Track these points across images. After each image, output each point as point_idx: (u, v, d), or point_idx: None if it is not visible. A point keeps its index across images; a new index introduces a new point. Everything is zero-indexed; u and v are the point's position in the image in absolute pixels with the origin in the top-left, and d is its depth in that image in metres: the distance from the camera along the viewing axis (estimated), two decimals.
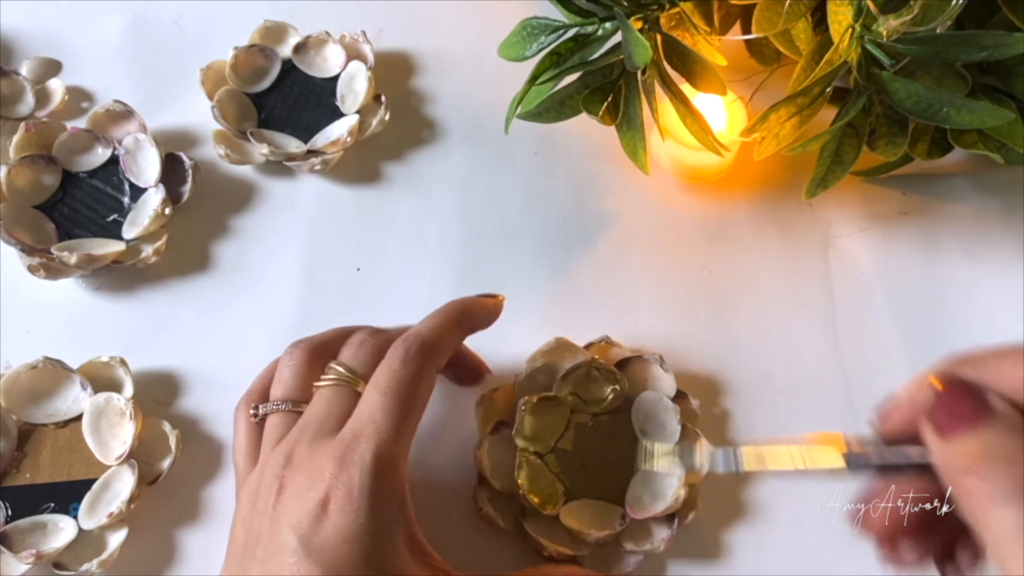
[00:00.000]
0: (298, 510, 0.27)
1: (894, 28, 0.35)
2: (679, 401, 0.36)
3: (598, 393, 0.36)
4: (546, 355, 0.37)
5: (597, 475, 0.35)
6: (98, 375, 0.38)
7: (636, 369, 0.37)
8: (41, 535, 0.34)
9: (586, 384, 0.36)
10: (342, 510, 0.27)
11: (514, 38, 0.40)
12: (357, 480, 0.27)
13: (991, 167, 0.44)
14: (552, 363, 0.37)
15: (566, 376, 0.36)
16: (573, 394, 0.36)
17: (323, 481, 0.27)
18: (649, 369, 0.37)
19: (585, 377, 0.36)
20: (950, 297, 0.41)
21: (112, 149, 0.44)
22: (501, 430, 0.35)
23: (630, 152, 0.40)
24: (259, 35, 0.47)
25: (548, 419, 0.35)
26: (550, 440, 0.35)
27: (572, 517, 0.34)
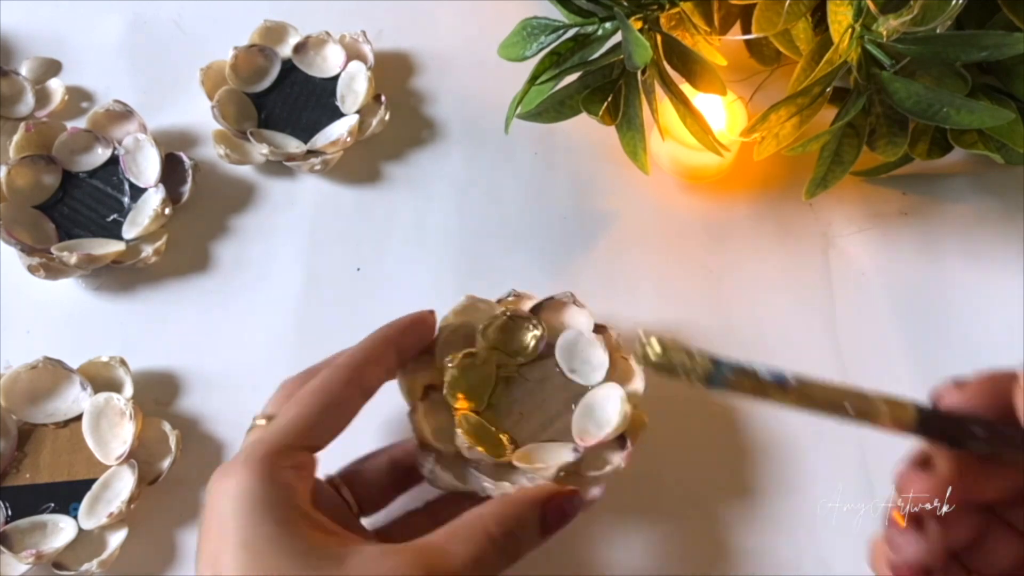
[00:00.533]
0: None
1: (894, 28, 0.35)
2: (600, 333, 0.36)
3: (520, 342, 0.36)
4: (459, 315, 0.36)
5: (536, 423, 0.35)
6: (98, 375, 0.38)
7: (551, 313, 0.37)
8: (41, 535, 0.34)
9: (506, 335, 0.36)
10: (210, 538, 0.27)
11: (514, 38, 0.40)
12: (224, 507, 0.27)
13: (991, 167, 0.44)
14: (467, 322, 0.36)
15: (484, 330, 0.35)
16: (495, 348, 0.36)
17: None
18: (564, 309, 0.37)
19: (503, 328, 0.36)
20: (950, 297, 0.41)
21: (112, 149, 0.44)
22: (431, 395, 0.34)
23: (630, 152, 0.40)
24: (259, 35, 0.47)
25: (477, 375, 0.35)
26: (483, 396, 0.35)
27: (526, 457, 0.33)
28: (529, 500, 0.29)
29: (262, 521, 0.26)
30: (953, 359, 0.40)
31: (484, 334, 0.35)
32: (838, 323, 0.41)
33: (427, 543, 0.27)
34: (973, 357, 0.40)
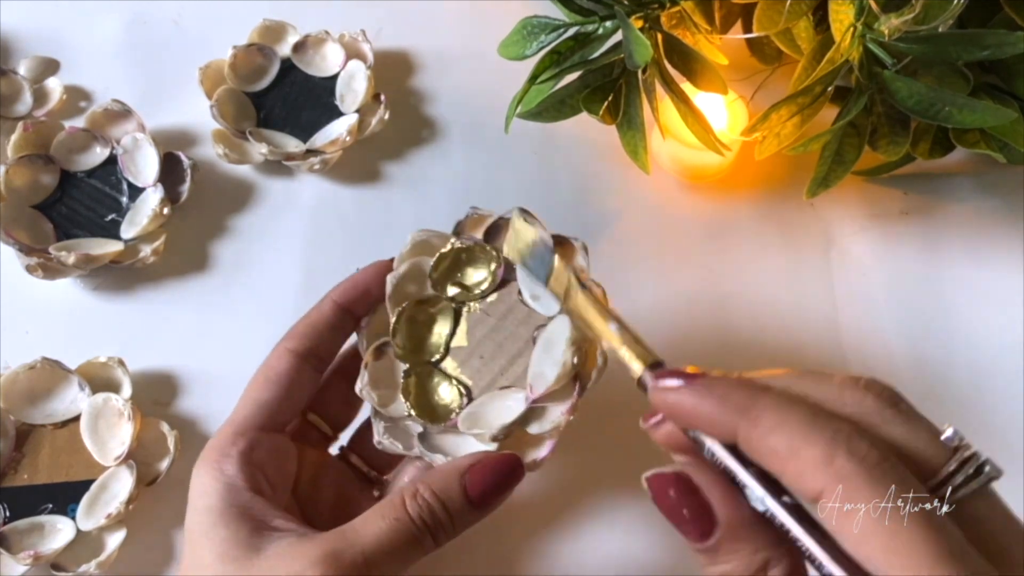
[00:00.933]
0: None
1: (896, 27, 0.34)
2: (560, 249, 0.31)
3: (478, 275, 0.33)
4: (410, 254, 0.33)
5: (497, 367, 0.32)
6: (96, 375, 0.37)
7: (505, 233, 0.33)
8: (39, 536, 0.34)
9: (460, 270, 0.33)
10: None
11: (514, 37, 0.40)
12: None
13: (993, 166, 0.44)
14: (419, 261, 0.33)
15: (434, 270, 0.32)
16: (456, 284, 0.32)
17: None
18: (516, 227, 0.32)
19: (455, 263, 0.33)
20: (952, 296, 0.41)
21: (110, 148, 0.44)
22: (385, 351, 0.32)
23: (630, 151, 0.39)
24: (258, 34, 0.47)
25: (427, 324, 0.32)
26: (437, 346, 0.32)
27: (472, 418, 0.31)
28: (450, 470, 0.28)
29: (199, 518, 0.28)
30: (953, 359, 0.40)
31: (434, 273, 0.32)
32: (840, 322, 0.40)
33: (344, 527, 0.27)
34: (973, 357, 0.40)
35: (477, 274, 0.33)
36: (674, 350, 0.40)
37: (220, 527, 0.27)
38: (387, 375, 0.32)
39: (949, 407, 0.38)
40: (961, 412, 0.38)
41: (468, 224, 0.33)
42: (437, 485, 0.28)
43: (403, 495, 0.27)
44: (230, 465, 0.29)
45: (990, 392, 0.39)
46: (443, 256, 0.32)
